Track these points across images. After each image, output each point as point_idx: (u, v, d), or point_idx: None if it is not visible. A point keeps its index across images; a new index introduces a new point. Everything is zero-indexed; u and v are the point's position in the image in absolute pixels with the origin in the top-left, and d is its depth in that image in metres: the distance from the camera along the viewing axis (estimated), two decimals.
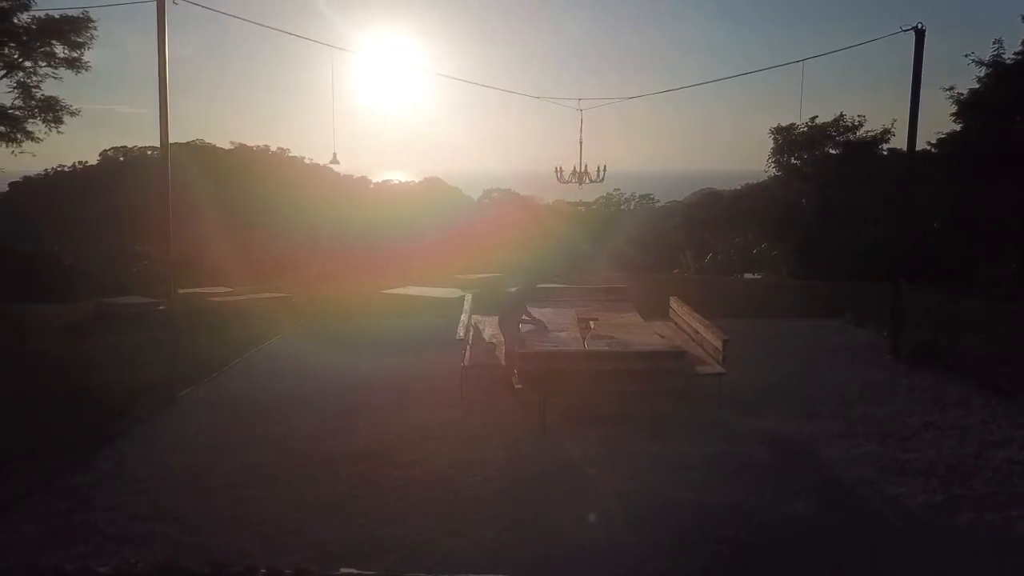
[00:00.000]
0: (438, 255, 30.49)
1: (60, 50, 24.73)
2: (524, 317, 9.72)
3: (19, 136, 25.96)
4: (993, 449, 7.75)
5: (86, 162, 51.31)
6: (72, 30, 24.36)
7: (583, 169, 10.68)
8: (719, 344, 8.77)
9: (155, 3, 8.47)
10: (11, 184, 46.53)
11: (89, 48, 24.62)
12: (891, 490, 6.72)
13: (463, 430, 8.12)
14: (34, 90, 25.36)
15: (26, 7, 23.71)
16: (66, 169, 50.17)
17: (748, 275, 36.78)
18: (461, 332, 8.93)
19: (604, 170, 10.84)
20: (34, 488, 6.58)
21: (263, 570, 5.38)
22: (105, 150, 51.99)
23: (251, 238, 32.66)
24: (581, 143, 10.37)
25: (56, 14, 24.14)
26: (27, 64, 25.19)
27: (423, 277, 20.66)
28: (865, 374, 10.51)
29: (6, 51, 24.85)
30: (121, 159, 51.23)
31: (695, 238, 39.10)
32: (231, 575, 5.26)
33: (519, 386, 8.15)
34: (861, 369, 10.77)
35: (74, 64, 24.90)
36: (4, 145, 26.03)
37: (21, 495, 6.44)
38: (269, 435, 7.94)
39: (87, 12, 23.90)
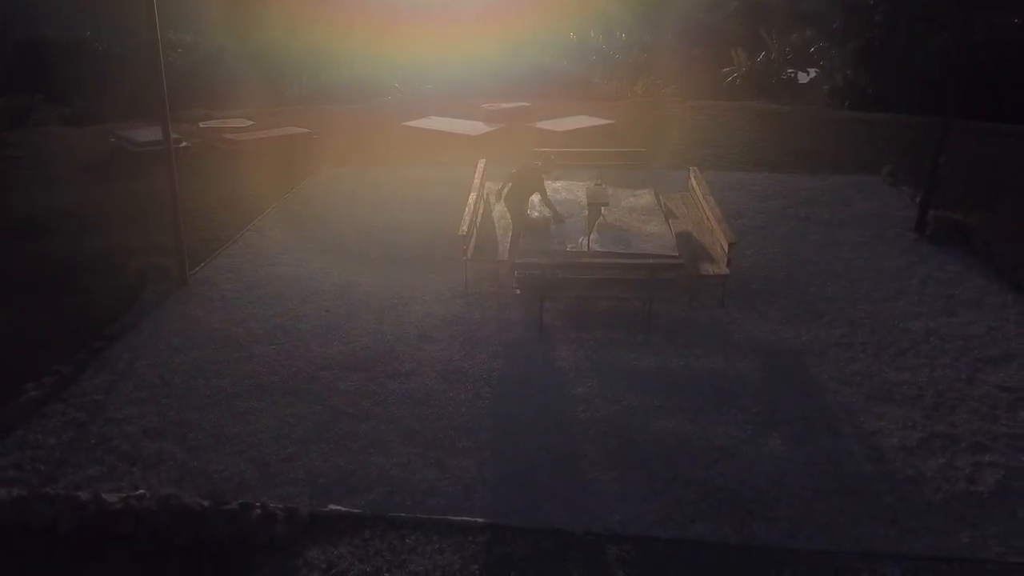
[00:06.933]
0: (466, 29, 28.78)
1: None
2: (535, 202, 9.52)
3: None
4: (988, 370, 7.71)
5: None
6: None
7: None
8: (725, 245, 8.56)
9: None
10: None
11: None
12: (871, 424, 6.84)
13: (462, 330, 8.30)
14: None
15: None
16: None
17: (802, 73, 34.94)
18: (465, 226, 8.81)
19: None
20: (53, 393, 7.05)
21: (258, 508, 5.84)
22: None
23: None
24: None
25: None
26: None
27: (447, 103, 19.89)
28: (883, 259, 10.26)
29: None
30: None
31: (749, 31, 36.61)
32: (228, 513, 5.74)
33: (517, 290, 8.18)
34: (880, 252, 10.48)
35: None
36: None
37: (41, 401, 6.92)
38: (272, 332, 8.22)
39: None
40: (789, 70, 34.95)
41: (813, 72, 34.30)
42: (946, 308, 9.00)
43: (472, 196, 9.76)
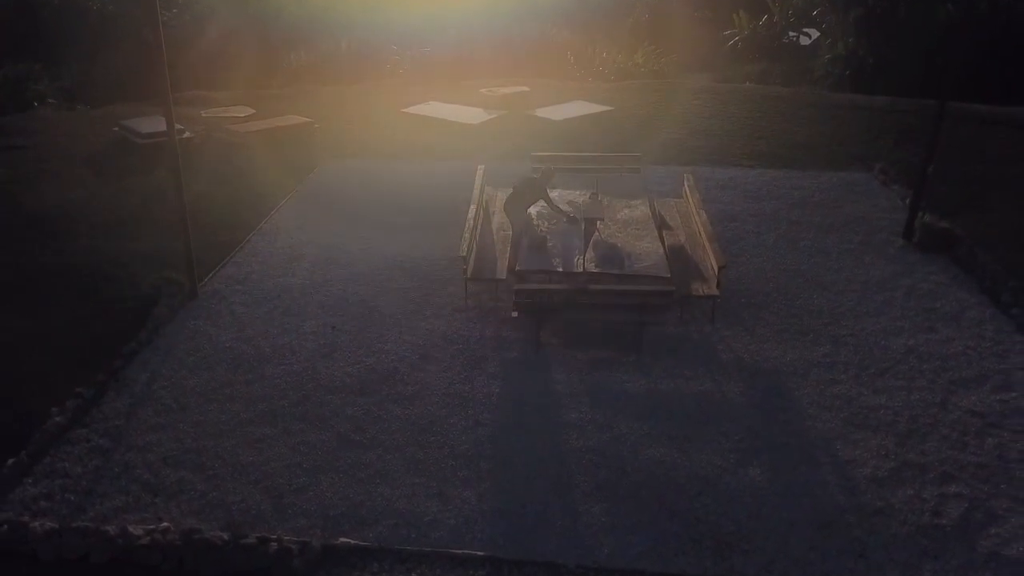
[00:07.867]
0: None
1: None
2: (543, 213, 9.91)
3: None
4: (962, 392, 8.10)
5: None
6: None
7: None
8: (715, 267, 8.90)
9: None
10: None
11: None
12: (847, 453, 7.28)
13: (462, 348, 8.68)
14: None
15: None
16: None
17: (804, 36, 34.73)
18: (464, 246, 9.11)
19: None
20: (76, 418, 7.46)
21: (274, 541, 6.39)
22: None
23: None
24: None
25: None
26: None
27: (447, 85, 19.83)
28: (869, 269, 10.59)
29: None
30: None
31: None
32: (247, 547, 6.27)
33: (515, 314, 8.56)
34: (867, 262, 10.80)
35: None
36: None
37: (64, 427, 7.34)
38: (280, 351, 8.60)
39: None
40: (791, 33, 34.80)
41: (815, 33, 34.07)
42: (926, 323, 9.37)
43: (472, 208, 10.04)
